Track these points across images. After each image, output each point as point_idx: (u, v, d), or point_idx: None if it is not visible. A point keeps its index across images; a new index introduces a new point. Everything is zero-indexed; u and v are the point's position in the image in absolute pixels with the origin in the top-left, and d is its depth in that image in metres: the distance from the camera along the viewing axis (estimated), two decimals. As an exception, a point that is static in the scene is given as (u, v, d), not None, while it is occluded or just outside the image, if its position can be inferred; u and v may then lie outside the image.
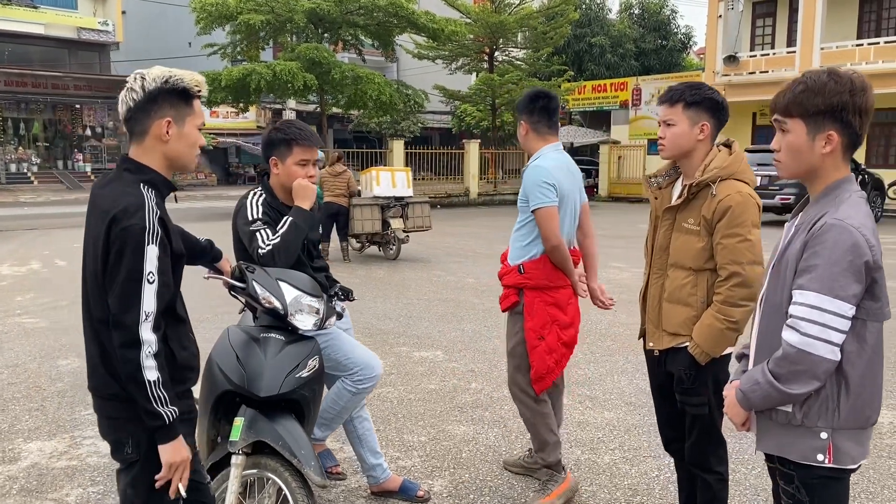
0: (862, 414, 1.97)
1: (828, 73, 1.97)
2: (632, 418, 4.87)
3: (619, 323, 7.52)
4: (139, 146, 2.15)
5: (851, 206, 1.93)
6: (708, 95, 2.82)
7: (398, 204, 12.19)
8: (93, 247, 2.11)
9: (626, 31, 35.71)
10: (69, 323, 7.49)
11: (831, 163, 2.00)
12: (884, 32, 23.81)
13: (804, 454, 1.99)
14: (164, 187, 2.17)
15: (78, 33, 32.22)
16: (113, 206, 2.04)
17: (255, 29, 22.25)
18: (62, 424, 4.70)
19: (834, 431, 1.96)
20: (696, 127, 2.81)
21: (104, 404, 2.18)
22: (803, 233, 1.97)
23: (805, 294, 1.90)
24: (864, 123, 1.96)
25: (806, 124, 1.98)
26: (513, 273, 3.70)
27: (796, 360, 1.90)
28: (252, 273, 2.87)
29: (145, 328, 2.01)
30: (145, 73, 2.11)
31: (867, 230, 1.89)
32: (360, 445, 3.63)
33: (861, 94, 1.94)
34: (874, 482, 3.89)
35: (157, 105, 2.10)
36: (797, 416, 1.98)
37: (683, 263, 2.83)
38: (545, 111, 3.70)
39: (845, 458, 1.97)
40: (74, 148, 33.96)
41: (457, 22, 24.50)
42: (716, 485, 2.95)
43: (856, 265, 1.86)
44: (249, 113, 30.60)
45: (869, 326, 1.94)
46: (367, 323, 7.45)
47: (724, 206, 2.70)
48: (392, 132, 33.14)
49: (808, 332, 1.88)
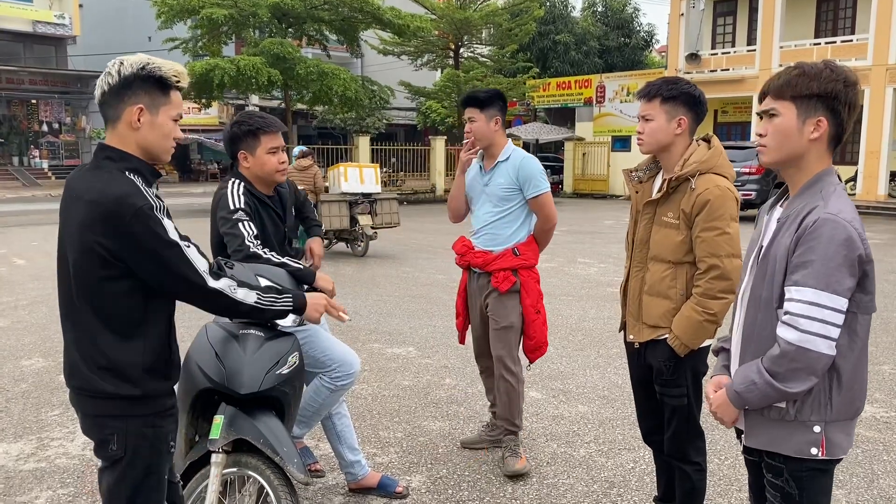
0: (852, 406, 1.99)
1: (824, 63, 2.00)
2: (606, 412, 4.91)
3: (588, 317, 7.58)
4: (113, 132, 2.09)
5: (839, 200, 1.94)
6: (685, 90, 2.85)
7: (366, 200, 12.13)
8: (78, 235, 2.02)
9: (590, 29, 36.02)
10: (31, 322, 7.31)
11: (816, 152, 2.00)
12: (840, 32, 24.38)
13: (798, 448, 1.99)
14: (150, 174, 2.10)
15: (33, 27, 31.48)
16: (103, 196, 1.97)
17: (217, 23, 21.91)
18: (28, 426, 4.59)
19: (827, 425, 1.97)
20: (673, 121, 2.83)
21: (87, 402, 2.12)
22: (792, 227, 1.95)
23: (802, 290, 1.88)
24: (850, 118, 1.98)
25: (797, 107, 1.98)
26: (507, 257, 3.90)
27: (795, 358, 1.89)
28: (231, 269, 2.83)
29: (210, 279, 2.11)
30: (124, 59, 2.07)
31: (858, 224, 1.90)
32: (338, 442, 3.60)
33: (853, 88, 1.96)
34: (843, 470, 3.97)
35: (132, 91, 2.04)
36: (790, 412, 1.98)
37: (663, 257, 2.87)
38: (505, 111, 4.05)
39: (837, 450, 1.99)
40: (30, 144, 33.14)
41: (422, 18, 24.46)
42: (694, 475, 2.99)
43: (850, 259, 1.87)
44: (212, 109, 30.19)
45: (860, 319, 1.95)
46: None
47: (703, 200, 2.74)
48: (357, 128, 32.97)
49: (807, 328, 1.87)
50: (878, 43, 21.84)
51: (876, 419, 4.77)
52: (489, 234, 3.94)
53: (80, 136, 33.99)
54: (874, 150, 22.04)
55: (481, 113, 3.92)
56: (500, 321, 3.94)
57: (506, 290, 3.88)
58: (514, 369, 3.94)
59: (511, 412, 3.98)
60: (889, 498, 3.69)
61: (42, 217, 18.38)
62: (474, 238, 4.04)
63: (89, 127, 33.06)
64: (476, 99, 3.96)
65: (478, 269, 3.99)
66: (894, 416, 4.82)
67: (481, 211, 4.00)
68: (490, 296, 3.95)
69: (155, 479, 2.17)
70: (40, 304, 8.16)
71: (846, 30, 24.32)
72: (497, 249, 3.91)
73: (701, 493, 3.04)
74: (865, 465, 4.07)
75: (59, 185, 29.86)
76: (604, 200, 25.37)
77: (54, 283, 2.21)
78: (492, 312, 3.97)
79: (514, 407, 3.98)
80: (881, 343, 6.66)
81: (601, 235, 15.58)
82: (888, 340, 6.78)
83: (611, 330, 7.04)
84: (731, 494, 3.71)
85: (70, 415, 4.72)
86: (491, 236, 3.94)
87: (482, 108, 3.92)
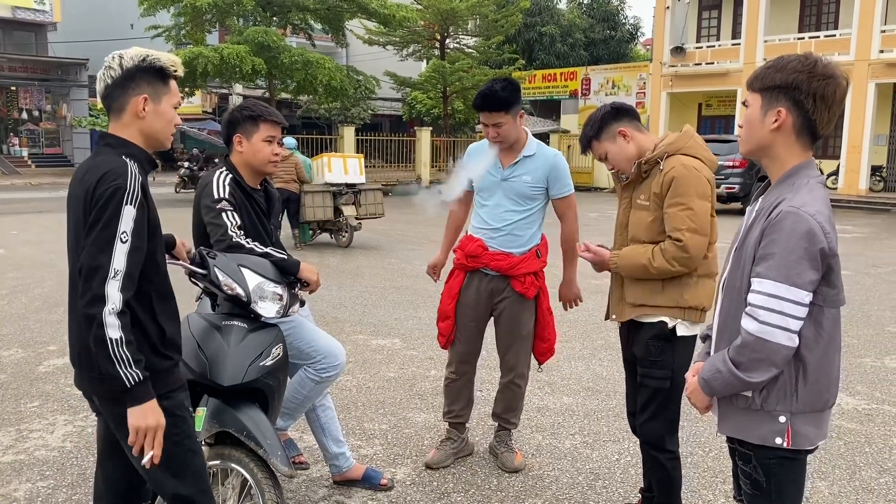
0: (820, 398, 2.00)
1: (803, 56, 2.00)
2: (591, 403, 4.92)
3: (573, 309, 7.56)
4: (117, 122, 2.20)
5: (809, 192, 1.94)
6: (599, 118, 3.03)
7: (350, 191, 12.06)
8: (74, 220, 2.12)
9: (576, 21, 35.99)
10: (9, 312, 7.21)
11: (782, 144, 2.01)
12: (823, 27, 24.52)
13: (763, 437, 2.02)
14: (147, 162, 2.20)
15: (13, 12, 30.98)
16: (95, 174, 2.07)
17: (201, 11, 21.63)
18: (7, 418, 4.52)
19: (792, 416, 1.99)
20: (619, 139, 3.01)
21: (97, 385, 2.13)
22: (762, 219, 1.98)
23: (763, 282, 1.91)
24: (818, 109, 1.95)
25: (762, 98, 2.02)
26: (532, 260, 3.72)
27: (755, 349, 1.92)
28: (213, 259, 2.79)
29: (112, 285, 2.00)
30: (123, 53, 2.18)
31: (822, 217, 1.90)
32: (322, 434, 3.57)
33: (820, 80, 1.94)
34: (825, 462, 4.00)
35: (135, 82, 2.17)
36: (756, 401, 2.01)
37: (639, 237, 2.98)
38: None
39: (803, 441, 2.01)
40: (10, 132, 32.68)
41: (408, 8, 24.30)
42: (668, 464, 3.03)
43: (811, 252, 1.88)
44: (195, 97, 29.87)
45: (826, 312, 1.97)
46: (323, 311, 7.36)
47: (669, 179, 2.86)
48: (342, 118, 32.78)
49: (765, 320, 1.90)
50: (860, 38, 21.99)
51: (857, 411, 4.80)
52: (510, 236, 3.67)
53: (61, 124, 33.52)
54: (856, 145, 22.22)
55: (507, 114, 3.52)
56: (520, 329, 3.78)
57: (533, 295, 3.73)
58: (527, 376, 3.89)
59: (515, 410, 3.95)
60: (871, 489, 3.72)
61: (21, 206, 18.15)
62: (488, 238, 3.71)
63: (70, 115, 32.61)
64: (502, 101, 3.50)
65: (498, 272, 3.70)
66: (875, 408, 4.86)
67: (498, 209, 3.68)
68: (505, 301, 3.74)
69: (189, 443, 2.25)
70: (19, 293, 8.04)
71: (829, 25, 24.46)
72: (517, 251, 3.67)
73: (677, 482, 3.07)
74: (847, 456, 4.10)
75: (39, 173, 29.52)
76: (588, 193, 25.42)
77: (34, 273, 2.19)
78: (508, 319, 3.77)
79: (519, 406, 3.95)
80: (862, 336, 6.71)
81: (585, 227, 15.52)
82: (869, 333, 6.84)
83: (595, 321, 7.05)
84: (716, 486, 3.72)
85: (50, 406, 4.66)
86: (511, 237, 3.67)
87: (509, 108, 3.53)
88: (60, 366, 5.39)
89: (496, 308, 3.80)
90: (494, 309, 3.81)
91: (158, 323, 2.19)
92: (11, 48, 31.72)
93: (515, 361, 3.84)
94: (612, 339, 6.38)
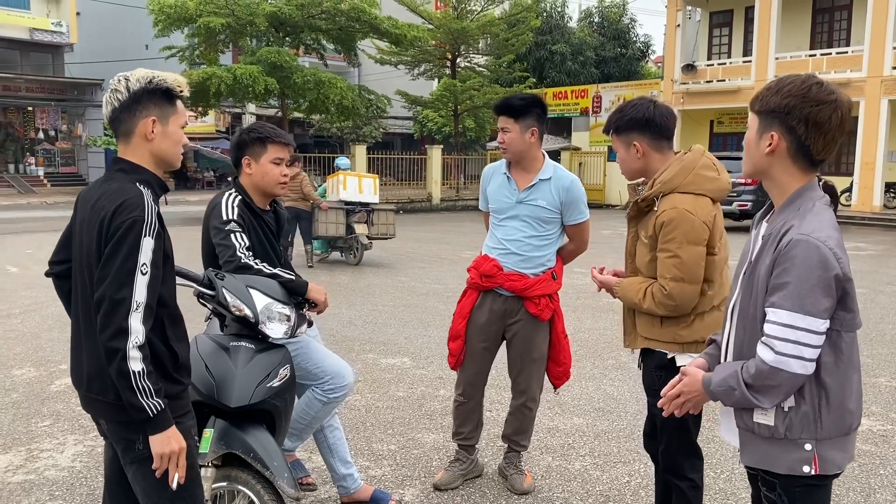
0: (844, 422, 1.98)
1: (801, 76, 1.98)
2: (601, 424, 4.88)
3: (584, 328, 7.55)
4: (126, 146, 2.20)
5: (816, 217, 1.92)
6: (629, 116, 2.91)
7: (364, 209, 12.11)
8: (87, 246, 2.12)
9: (587, 39, 36.08)
10: (22, 331, 7.25)
11: (779, 167, 1.99)
12: (835, 43, 24.47)
13: (790, 466, 1.98)
14: (159, 187, 2.20)
15: (30, 34, 31.42)
16: (112, 202, 2.07)
17: (214, 32, 21.88)
18: (18, 437, 4.54)
19: (818, 442, 1.96)
20: (631, 148, 2.93)
21: (111, 408, 2.16)
22: (771, 247, 1.95)
23: (777, 312, 1.90)
24: (810, 134, 1.92)
25: (759, 121, 2.01)
26: (546, 282, 3.70)
27: (769, 377, 1.91)
28: (222, 280, 2.80)
29: (135, 318, 2.02)
30: (129, 75, 2.16)
31: (833, 242, 1.88)
32: (330, 455, 3.56)
33: (813, 105, 1.91)
34: (839, 484, 3.94)
35: (142, 105, 2.16)
36: (780, 430, 1.97)
37: (642, 272, 2.97)
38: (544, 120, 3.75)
39: (830, 467, 1.98)
40: (26, 151, 33.08)
41: (419, 27, 24.48)
42: (689, 492, 2.97)
43: (825, 280, 1.86)
44: (208, 117, 30.14)
45: (844, 337, 1.95)
46: (333, 329, 7.36)
47: (660, 222, 2.82)
48: (354, 137, 32.97)
49: (782, 350, 1.88)
50: (873, 55, 21.91)
51: (872, 432, 4.74)
52: (523, 257, 3.66)
53: (77, 144, 33.94)
54: (869, 161, 22.07)
55: (516, 123, 3.56)
56: (532, 351, 3.75)
57: (547, 317, 3.71)
58: (538, 399, 3.88)
59: (526, 433, 3.92)
60: (886, 513, 3.66)
61: (37, 225, 18.32)
62: (502, 258, 3.69)
63: (85, 134, 33.01)
64: (510, 107, 3.58)
65: (512, 293, 3.68)
66: (891, 429, 4.80)
67: (514, 231, 3.68)
68: (518, 323, 3.72)
69: (192, 472, 2.23)
70: (33, 312, 8.10)
71: (841, 41, 24.42)
72: (531, 273, 3.66)
73: None
74: (862, 479, 4.04)
75: (55, 192, 29.82)
76: (600, 210, 25.38)
77: (47, 292, 2.23)
78: (521, 341, 3.75)
79: (530, 430, 3.93)
80: (877, 355, 6.64)
81: (597, 245, 15.51)
82: (884, 352, 6.76)
83: (606, 341, 7.01)
84: (727, 509, 3.68)
85: (60, 425, 4.67)
86: (525, 259, 3.66)
87: (517, 117, 3.56)
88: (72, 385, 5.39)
89: (509, 329, 3.77)
90: (507, 330, 3.78)
91: (172, 348, 2.19)
92: (29, 69, 32.17)
93: (527, 385, 3.81)
94: (624, 359, 6.35)
